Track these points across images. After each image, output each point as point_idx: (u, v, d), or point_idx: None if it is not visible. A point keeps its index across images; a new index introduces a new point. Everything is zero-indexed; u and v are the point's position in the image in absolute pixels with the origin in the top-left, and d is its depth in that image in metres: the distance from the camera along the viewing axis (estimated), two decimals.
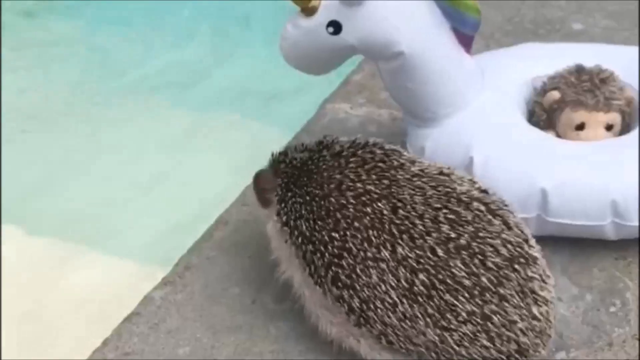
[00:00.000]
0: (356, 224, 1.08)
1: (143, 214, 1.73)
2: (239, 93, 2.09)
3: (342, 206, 1.10)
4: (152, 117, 2.02)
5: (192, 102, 2.07)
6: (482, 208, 1.08)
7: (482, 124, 1.34)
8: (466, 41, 1.35)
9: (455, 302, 1.04)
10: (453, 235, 1.06)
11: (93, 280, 1.58)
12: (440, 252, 1.05)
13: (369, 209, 1.08)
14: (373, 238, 1.07)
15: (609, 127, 1.35)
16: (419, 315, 1.05)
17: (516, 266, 1.06)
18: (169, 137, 1.94)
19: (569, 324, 1.20)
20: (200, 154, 1.89)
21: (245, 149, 1.83)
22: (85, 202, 1.76)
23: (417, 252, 1.05)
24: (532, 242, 1.10)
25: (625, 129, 1.36)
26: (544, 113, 1.38)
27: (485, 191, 1.12)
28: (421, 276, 1.05)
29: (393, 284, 1.05)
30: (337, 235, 1.09)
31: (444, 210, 1.07)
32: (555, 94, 1.37)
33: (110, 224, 1.71)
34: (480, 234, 1.06)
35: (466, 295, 1.04)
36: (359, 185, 1.11)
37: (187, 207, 1.70)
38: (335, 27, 1.29)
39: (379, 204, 1.08)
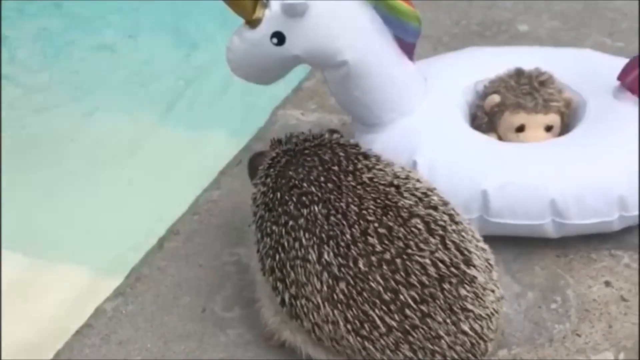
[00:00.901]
0: (292, 223, 1.11)
1: (94, 224, 1.75)
2: (188, 100, 2.12)
3: (285, 202, 1.13)
4: (100, 126, 2.03)
5: (141, 111, 2.08)
6: (420, 226, 1.09)
7: (426, 128, 1.36)
8: (408, 49, 1.38)
9: (373, 314, 1.05)
10: (378, 249, 1.07)
11: (45, 291, 1.60)
12: (361, 264, 1.06)
13: (305, 211, 1.11)
14: (304, 239, 1.09)
15: (548, 128, 1.38)
16: (340, 321, 1.07)
17: (446, 285, 1.06)
18: (118, 147, 1.96)
19: (511, 322, 1.23)
20: (150, 164, 1.89)
21: (195, 157, 1.85)
22: (35, 213, 1.77)
23: (341, 260, 1.07)
24: (475, 261, 1.09)
25: (564, 130, 1.39)
26: (485, 116, 1.41)
27: (434, 207, 1.11)
28: (341, 284, 1.07)
29: (317, 287, 1.08)
30: (276, 229, 1.12)
31: (376, 224, 1.08)
32: (495, 98, 1.40)
33: (62, 235, 1.72)
34: (409, 251, 1.07)
35: (384, 308, 1.05)
36: (305, 185, 1.13)
37: (138, 217, 1.72)
38: (279, 38, 1.31)
39: (316, 207, 1.10)
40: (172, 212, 1.46)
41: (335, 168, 1.14)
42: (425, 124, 1.37)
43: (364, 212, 1.09)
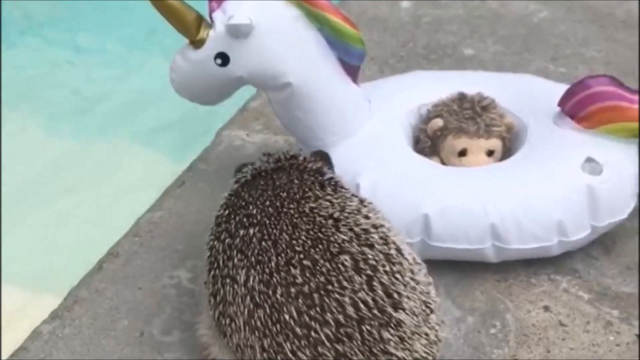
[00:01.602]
0: (229, 241, 1.11)
1: (32, 243, 1.72)
2: (131, 119, 2.10)
3: (228, 220, 1.13)
4: (38, 142, 2.01)
5: (82, 128, 2.06)
6: (348, 263, 1.07)
7: (369, 151, 1.37)
8: (352, 71, 1.38)
9: (286, 346, 1.05)
10: (299, 280, 1.06)
11: None
12: (279, 294, 1.06)
13: (242, 231, 1.11)
14: (236, 259, 1.09)
15: (490, 153, 1.40)
16: (257, 348, 1.06)
17: (365, 326, 1.05)
18: (57, 165, 1.93)
19: (450, 347, 1.23)
20: (89, 182, 1.87)
21: (137, 178, 1.83)
22: None
23: (262, 287, 1.07)
24: (405, 304, 1.06)
25: (505, 154, 1.40)
26: (428, 140, 1.42)
27: (370, 245, 1.08)
28: (260, 311, 1.06)
29: (240, 309, 1.07)
30: (216, 244, 1.13)
31: (302, 255, 1.07)
32: (438, 122, 1.41)
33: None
34: (329, 287, 1.05)
35: (297, 342, 1.04)
36: (251, 206, 1.13)
37: (77, 237, 1.69)
38: (223, 59, 1.31)
39: (252, 230, 1.10)
40: (112, 233, 1.44)
41: (284, 194, 1.14)
42: (368, 147, 1.37)
43: (294, 241, 1.08)
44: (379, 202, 1.25)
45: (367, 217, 1.12)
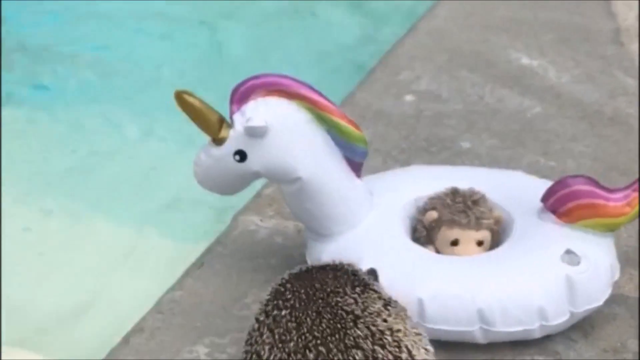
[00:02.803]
0: (263, 319, 1.27)
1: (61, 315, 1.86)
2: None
3: (267, 303, 1.30)
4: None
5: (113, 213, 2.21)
6: (359, 357, 1.19)
7: (370, 240, 1.52)
8: (356, 167, 1.54)
9: None
10: None
11: None
12: None
13: (275, 312, 1.26)
14: (264, 336, 1.24)
15: (479, 243, 1.54)
16: None
17: None
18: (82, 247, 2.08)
19: None
20: (111, 263, 2.02)
21: (159, 258, 1.98)
22: None
23: None
24: None
25: (494, 244, 1.55)
26: (424, 230, 1.56)
27: (381, 345, 1.20)
28: None
29: None
30: (254, 323, 1.29)
31: (318, 341, 1.20)
32: (433, 214, 1.55)
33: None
34: None
35: None
36: (288, 292, 1.28)
37: (104, 312, 1.84)
38: (241, 155, 1.48)
39: (284, 312, 1.25)
40: (137, 310, 1.59)
41: (317, 285, 1.28)
42: (369, 236, 1.52)
43: (315, 327, 1.22)
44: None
45: (385, 321, 1.24)
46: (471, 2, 2.71)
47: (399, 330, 1.24)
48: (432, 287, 1.44)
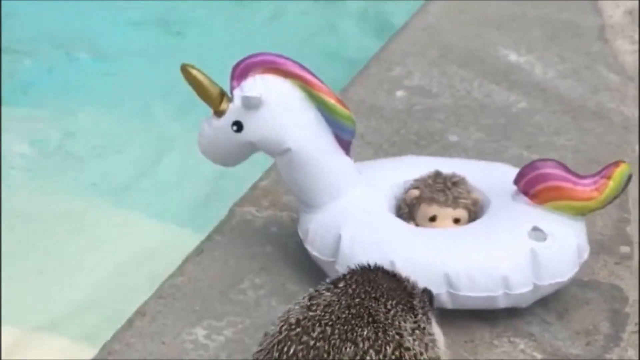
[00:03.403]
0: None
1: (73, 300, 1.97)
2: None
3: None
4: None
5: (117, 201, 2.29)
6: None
7: (353, 210, 1.62)
8: (345, 144, 1.64)
9: None
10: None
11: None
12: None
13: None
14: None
15: (456, 221, 1.63)
16: None
17: None
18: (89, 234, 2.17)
19: None
20: (113, 248, 2.11)
21: (159, 246, 2.09)
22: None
23: None
24: None
25: None
26: (406, 207, 1.66)
27: None
28: None
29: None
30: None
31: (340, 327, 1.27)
32: (414, 192, 1.65)
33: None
34: None
35: None
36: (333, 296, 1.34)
37: (110, 296, 1.94)
38: (238, 126, 1.60)
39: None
40: (140, 294, 1.68)
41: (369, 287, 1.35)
42: (352, 207, 1.63)
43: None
44: (356, 250, 1.55)
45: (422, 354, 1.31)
46: None
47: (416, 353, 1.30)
48: (404, 252, 1.54)
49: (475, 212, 1.64)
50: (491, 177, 1.70)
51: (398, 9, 2.88)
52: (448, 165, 1.73)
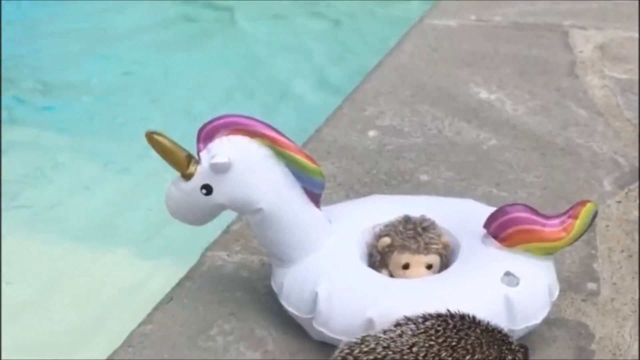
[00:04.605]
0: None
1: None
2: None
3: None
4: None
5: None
6: None
7: (327, 265, 1.62)
8: (315, 197, 1.65)
9: None
10: None
11: None
12: None
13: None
14: None
15: (429, 267, 1.63)
16: None
17: None
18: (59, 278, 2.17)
19: None
20: (84, 296, 2.11)
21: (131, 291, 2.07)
22: None
23: None
24: None
25: (443, 267, 1.64)
26: (379, 255, 1.66)
27: None
28: None
29: None
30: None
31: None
32: (386, 240, 1.65)
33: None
34: None
35: None
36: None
37: (75, 347, 1.93)
38: (208, 189, 1.60)
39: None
40: (108, 344, 1.68)
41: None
42: (326, 261, 1.62)
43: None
44: (333, 307, 1.55)
45: None
46: (436, 37, 2.83)
47: None
48: (382, 307, 1.53)
49: (446, 255, 1.65)
50: (459, 216, 1.71)
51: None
52: (415, 204, 1.74)
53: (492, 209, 1.67)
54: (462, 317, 1.45)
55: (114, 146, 2.64)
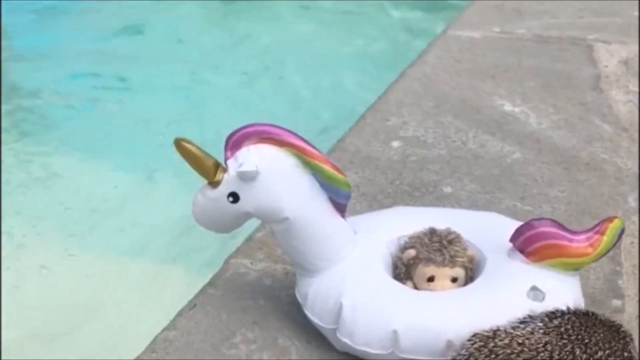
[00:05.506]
0: None
1: None
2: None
3: None
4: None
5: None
6: None
7: (352, 276, 1.62)
8: (340, 207, 1.65)
9: None
10: None
11: None
12: None
13: None
14: None
15: (454, 280, 1.63)
16: None
17: None
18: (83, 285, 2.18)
19: None
20: (109, 302, 2.13)
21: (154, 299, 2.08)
22: None
23: None
24: None
25: (468, 280, 1.64)
26: (404, 267, 1.66)
27: None
28: None
29: None
30: None
31: None
32: (411, 252, 1.65)
33: None
34: None
35: None
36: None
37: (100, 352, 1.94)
38: (234, 197, 1.60)
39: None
40: (132, 349, 1.69)
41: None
42: (352, 272, 1.62)
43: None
44: (358, 319, 1.55)
45: None
46: (460, 48, 2.83)
47: None
48: (407, 319, 1.53)
49: (471, 269, 1.65)
50: (485, 229, 1.70)
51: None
52: (439, 217, 1.73)
53: (517, 223, 1.67)
54: (585, 314, 1.45)
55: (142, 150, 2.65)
